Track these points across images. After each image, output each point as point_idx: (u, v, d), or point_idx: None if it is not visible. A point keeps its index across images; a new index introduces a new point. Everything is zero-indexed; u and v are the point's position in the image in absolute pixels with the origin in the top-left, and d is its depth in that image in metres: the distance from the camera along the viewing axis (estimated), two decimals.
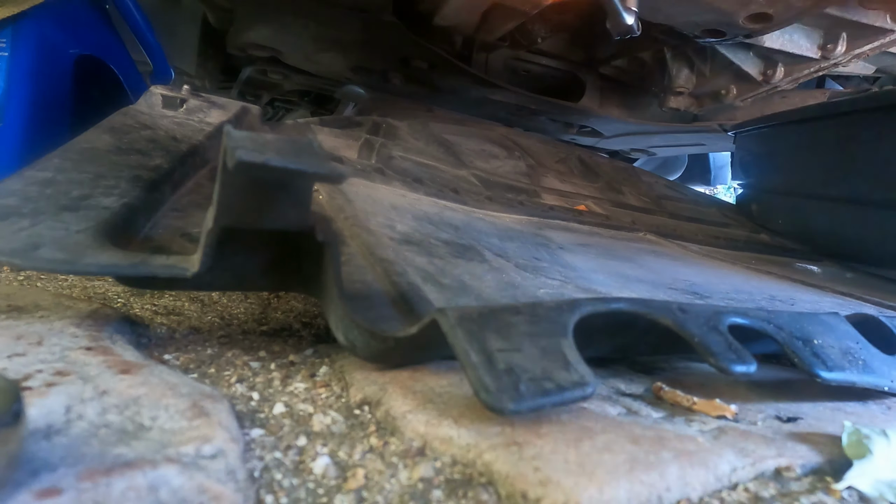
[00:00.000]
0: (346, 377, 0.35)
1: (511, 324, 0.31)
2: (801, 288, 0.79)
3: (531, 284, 0.53)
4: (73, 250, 0.33)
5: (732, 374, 0.33)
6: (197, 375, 0.33)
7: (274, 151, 0.28)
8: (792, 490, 0.29)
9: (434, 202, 0.82)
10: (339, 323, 0.34)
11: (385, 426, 0.30)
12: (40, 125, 0.69)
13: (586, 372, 0.29)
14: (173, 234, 0.43)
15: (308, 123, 1.00)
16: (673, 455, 0.28)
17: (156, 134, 0.56)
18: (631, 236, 0.97)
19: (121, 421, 0.25)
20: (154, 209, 0.45)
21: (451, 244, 0.60)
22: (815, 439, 0.34)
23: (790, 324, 0.40)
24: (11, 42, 0.66)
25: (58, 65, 0.72)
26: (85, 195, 0.40)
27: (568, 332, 0.31)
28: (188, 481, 0.22)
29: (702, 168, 2.24)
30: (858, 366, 0.39)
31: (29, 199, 0.37)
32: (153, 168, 0.48)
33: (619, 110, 1.41)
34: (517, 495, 0.25)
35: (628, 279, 0.64)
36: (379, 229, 0.57)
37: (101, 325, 0.36)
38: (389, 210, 0.67)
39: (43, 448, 0.22)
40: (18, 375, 0.27)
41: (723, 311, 0.37)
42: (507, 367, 0.28)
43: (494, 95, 1.35)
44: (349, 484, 0.26)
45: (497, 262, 0.58)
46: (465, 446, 0.28)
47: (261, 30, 1.18)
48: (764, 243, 1.16)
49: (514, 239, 0.72)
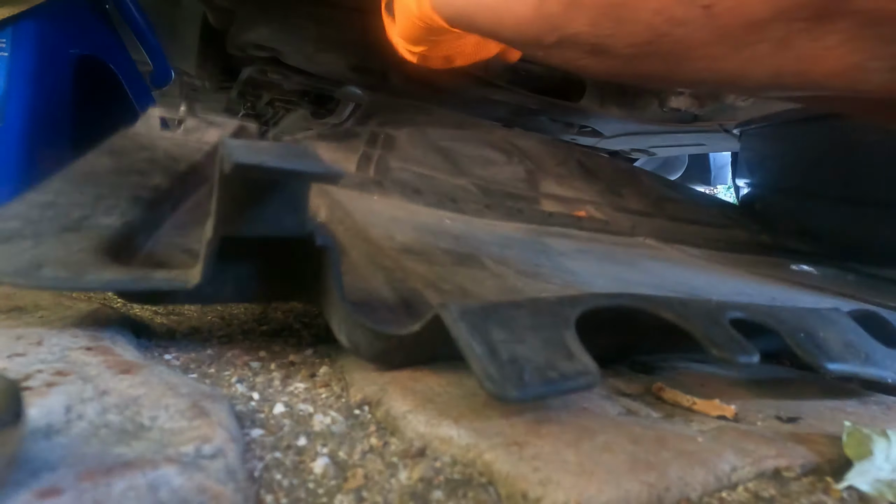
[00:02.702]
0: (346, 377, 0.35)
1: (513, 317, 0.31)
2: (802, 290, 0.79)
3: (532, 289, 0.53)
4: (75, 268, 0.34)
5: (737, 363, 0.33)
6: (197, 375, 0.34)
7: (269, 154, 0.28)
8: (792, 490, 0.29)
9: (433, 213, 0.82)
10: (341, 325, 0.34)
11: (385, 426, 0.30)
12: (40, 125, 0.69)
13: (589, 362, 0.29)
14: (174, 251, 0.43)
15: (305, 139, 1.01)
16: (673, 455, 0.28)
17: (154, 154, 0.57)
18: (631, 241, 0.97)
19: (121, 421, 0.25)
20: (155, 227, 0.46)
21: (452, 253, 0.60)
22: (815, 439, 0.34)
23: (792, 318, 0.40)
24: (11, 42, 0.66)
25: (58, 65, 0.72)
26: (86, 216, 0.40)
27: (570, 324, 0.31)
28: (188, 481, 0.22)
29: (702, 168, 2.24)
30: (861, 358, 0.39)
31: (31, 221, 0.38)
32: (153, 187, 0.48)
33: (620, 110, 1.40)
34: (517, 495, 0.25)
35: (629, 284, 0.64)
36: (379, 240, 0.57)
37: (101, 325, 0.36)
38: (389, 221, 0.67)
39: (43, 448, 0.22)
40: (18, 375, 0.27)
41: (724, 306, 0.37)
42: (511, 357, 0.28)
43: (494, 95, 1.35)
44: (349, 484, 0.26)
45: (498, 269, 0.58)
46: (465, 446, 0.28)
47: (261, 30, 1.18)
48: (765, 244, 1.16)
49: (514, 246, 0.72)
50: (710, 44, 0.27)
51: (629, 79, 0.35)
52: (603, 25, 0.29)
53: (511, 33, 0.35)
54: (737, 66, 0.28)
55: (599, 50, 0.31)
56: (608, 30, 0.29)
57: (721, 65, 0.28)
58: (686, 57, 0.29)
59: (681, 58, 0.29)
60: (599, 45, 0.30)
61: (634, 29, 0.28)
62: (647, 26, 0.28)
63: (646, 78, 0.34)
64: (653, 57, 0.29)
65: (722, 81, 0.31)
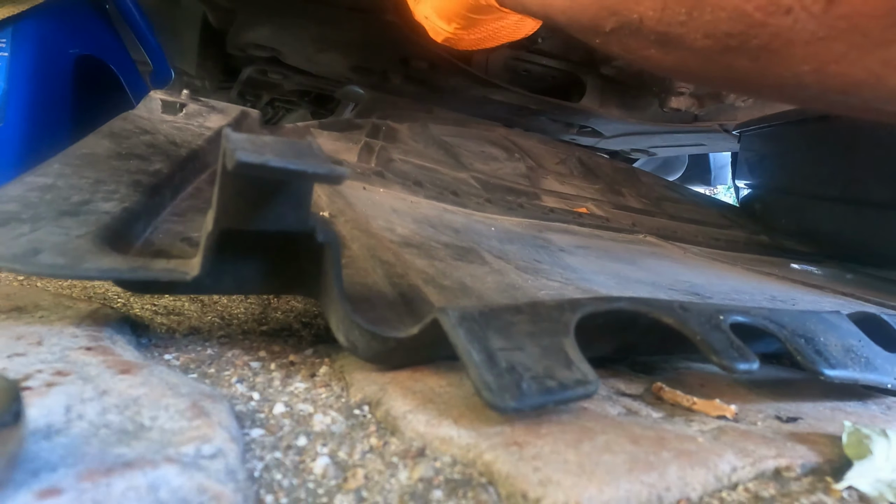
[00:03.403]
0: (346, 377, 0.35)
1: (512, 323, 0.31)
2: (801, 289, 0.79)
3: (532, 286, 0.53)
4: (73, 255, 0.33)
5: (736, 371, 0.33)
6: (197, 375, 0.33)
7: (273, 152, 0.28)
8: (792, 490, 0.29)
9: (434, 205, 0.82)
10: (339, 324, 0.34)
11: (385, 426, 0.30)
12: (41, 125, 0.69)
13: (588, 370, 0.29)
14: (174, 239, 0.43)
15: (307, 127, 1.00)
16: (673, 455, 0.28)
17: (155, 139, 0.56)
18: (631, 238, 0.97)
19: (121, 421, 0.25)
20: (154, 214, 0.45)
21: (452, 247, 0.60)
22: (815, 439, 0.34)
23: (792, 322, 0.40)
24: (11, 42, 0.66)
25: (58, 65, 0.72)
26: (85, 200, 0.40)
27: (570, 331, 0.31)
28: (188, 481, 0.22)
29: (702, 168, 2.24)
30: (861, 363, 0.39)
31: (29, 204, 0.37)
32: (153, 173, 0.48)
33: (620, 110, 1.41)
34: (517, 495, 0.25)
35: (629, 281, 0.64)
36: (380, 232, 0.57)
37: (101, 325, 0.36)
38: (390, 213, 0.67)
39: (43, 448, 0.22)
40: (18, 375, 0.27)
41: (724, 309, 0.37)
42: (509, 365, 0.28)
43: (495, 95, 1.35)
44: (349, 484, 0.26)
45: (498, 265, 0.58)
46: (465, 446, 0.28)
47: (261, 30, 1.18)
48: (764, 244, 1.16)
49: (514, 241, 0.72)
50: (826, 40, 0.20)
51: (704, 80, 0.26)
52: (674, 10, 0.23)
53: (564, 17, 0.30)
54: (863, 71, 0.21)
55: (668, 40, 0.25)
56: (681, 15, 0.23)
57: (837, 69, 0.21)
58: (786, 56, 0.22)
59: (779, 57, 0.22)
60: (669, 35, 0.24)
61: (717, 16, 0.22)
62: (735, 13, 0.21)
63: (726, 80, 0.27)
64: (738, 53, 0.23)
65: (833, 90, 0.23)
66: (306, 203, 0.33)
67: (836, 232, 1.12)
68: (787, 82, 0.24)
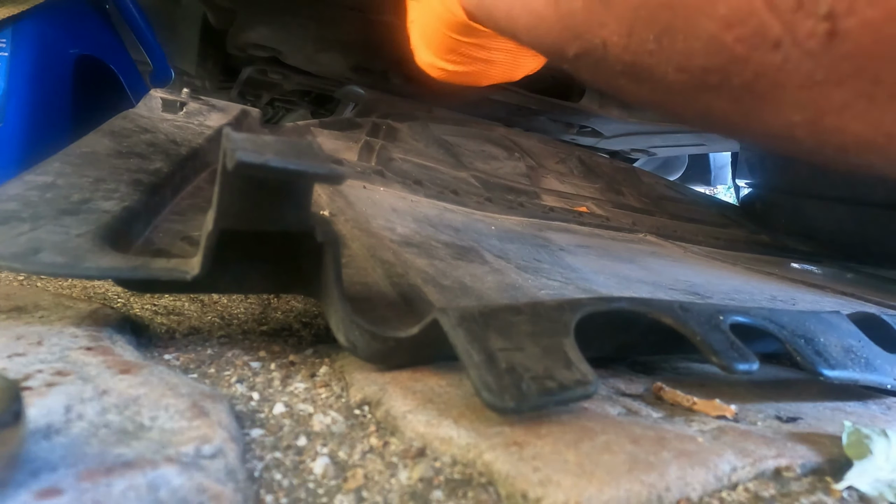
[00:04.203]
0: (346, 377, 0.35)
1: (512, 323, 0.31)
2: (801, 288, 0.79)
3: (532, 286, 0.53)
4: (73, 254, 0.33)
5: (735, 372, 0.33)
6: (197, 375, 0.33)
7: (274, 152, 0.28)
8: (792, 490, 0.29)
9: (434, 204, 0.82)
10: (339, 324, 0.34)
11: (385, 426, 0.30)
12: (41, 125, 0.69)
13: (588, 371, 0.29)
14: (174, 238, 0.43)
15: (308, 126, 1.00)
16: (673, 455, 0.28)
17: (156, 137, 0.56)
18: (631, 238, 0.97)
19: (121, 421, 0.25)
20: (154, 213, 0.45)
21: (452, 246, 0.60)
22: (815, 439, 0.34)
23: (792, 322, 0.40)
24: (11, 42, 0.66)
25: (58, 65, 0.72)
26: (85, 199, 0.40)
27: (569, 332, 0.31)
28: (188, 481, 0.22)
29: (702, 168, 2.24)
30: (861, 364, 0.39)
31: (29, 203, 0.37)
32: (153, 172, 0.48)
33: (620, 110, 1.41)
34: (517, 495, 0.25)
35: (629, 280, 0.64)
36: (380, 231, 0.57)
37: (101, 325, 0.36)
38: (390, 212, 0.67)
39: (43, 448, 0.22)
40: (18, 375, 0.27)
41: (724, 310, 0.37)
42: (509, 366, 0.28)
43: (494, 95, 1.35)
44: (349, 484, 0.26)
45: (498, 264, 0.58)
46: (465, 446, 0.28)
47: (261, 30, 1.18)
48: (764, 244, 1.16)
49: (514, 240, 0.72)
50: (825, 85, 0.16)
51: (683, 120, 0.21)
52: (641, 36, 0.19)
53: (529, 38, 0.26)
54: (870, 128, 0.16)
55: (637, 72, 0.21)
56: (649, 43, 0.19)
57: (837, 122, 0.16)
58: (774, 101, 0.17)
59: (765, 101, 0.18)
60: (637, 66, 0.20)
61: (690, 46, 0.18)
62: (712, 44, 0.17)
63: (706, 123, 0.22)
64: (718, 93, 0.19)
65: (831, 146, 0.18)
66: (306, 203, 0.33)
67: (836, 232, 1.12)
68: (774, 132, 0.19)
